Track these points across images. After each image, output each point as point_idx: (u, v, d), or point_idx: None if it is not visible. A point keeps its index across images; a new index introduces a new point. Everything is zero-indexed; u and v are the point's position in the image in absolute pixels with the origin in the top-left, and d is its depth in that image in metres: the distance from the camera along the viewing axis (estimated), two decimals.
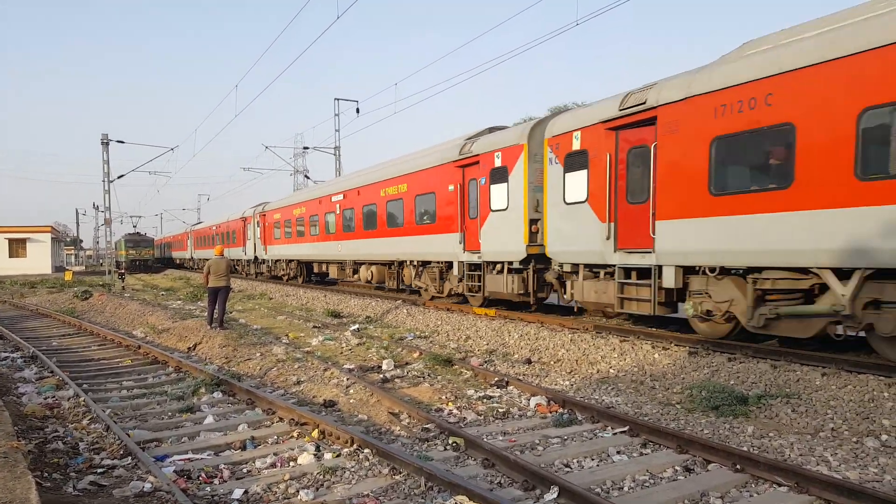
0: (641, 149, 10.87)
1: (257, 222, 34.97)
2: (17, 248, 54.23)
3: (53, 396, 9.34)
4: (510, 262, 14.36)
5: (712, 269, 9.74)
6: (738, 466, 5.71)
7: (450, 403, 8.56)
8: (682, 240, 10.00)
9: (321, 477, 5.91)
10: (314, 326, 16.25)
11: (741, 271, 9.58)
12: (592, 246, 11.76)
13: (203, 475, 6.02)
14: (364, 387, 9.12)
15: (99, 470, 6.19)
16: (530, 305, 14.93)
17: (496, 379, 9.59)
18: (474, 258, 15.50)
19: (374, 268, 21.77)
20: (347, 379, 9.69)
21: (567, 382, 9.68)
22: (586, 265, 12.35)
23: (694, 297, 10.24)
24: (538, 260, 13.81)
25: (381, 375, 10.32)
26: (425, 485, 5.53)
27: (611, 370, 10.02)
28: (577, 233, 12.14)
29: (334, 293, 23.57)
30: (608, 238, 11.39)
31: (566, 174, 12.37)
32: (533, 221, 13.64)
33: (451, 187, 16.27)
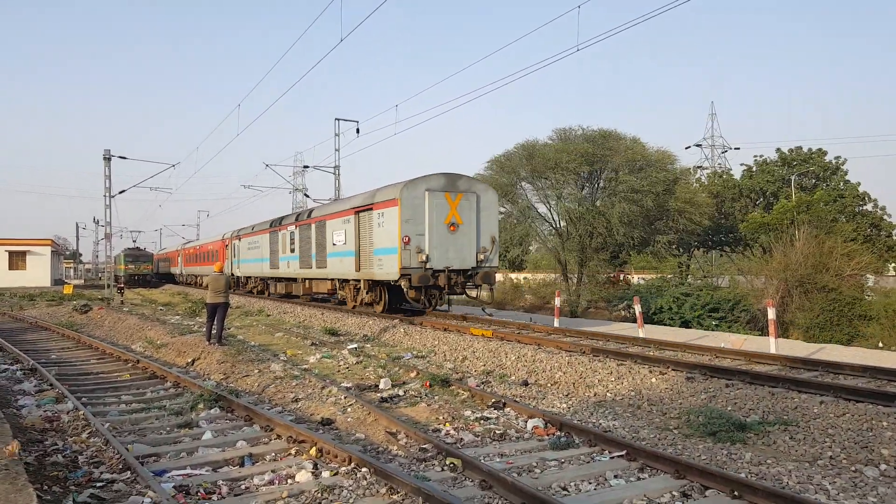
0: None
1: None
2: (16, 260, 54.21)
3: (53, 409, 9.35)
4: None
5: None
6: (735, 493, 5.73)
7: (447, 424, 8.58)
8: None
9: (319, 495, 5.92)
10: (312, 344, 16.27)
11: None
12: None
13: (202, 491, 6.04)
14: (362, 405, 9.15)
15: (98, 484, 6.21)
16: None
17: (493, 400, 9.62)
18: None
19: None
20: (345, 397, 9.71)
21: (564, 405, 9.70)
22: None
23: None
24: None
25: (379, 394, 10.34)
26: None
27: (608, 394, 10.06)
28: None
29: (331, 311, 23.63)
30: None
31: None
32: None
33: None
